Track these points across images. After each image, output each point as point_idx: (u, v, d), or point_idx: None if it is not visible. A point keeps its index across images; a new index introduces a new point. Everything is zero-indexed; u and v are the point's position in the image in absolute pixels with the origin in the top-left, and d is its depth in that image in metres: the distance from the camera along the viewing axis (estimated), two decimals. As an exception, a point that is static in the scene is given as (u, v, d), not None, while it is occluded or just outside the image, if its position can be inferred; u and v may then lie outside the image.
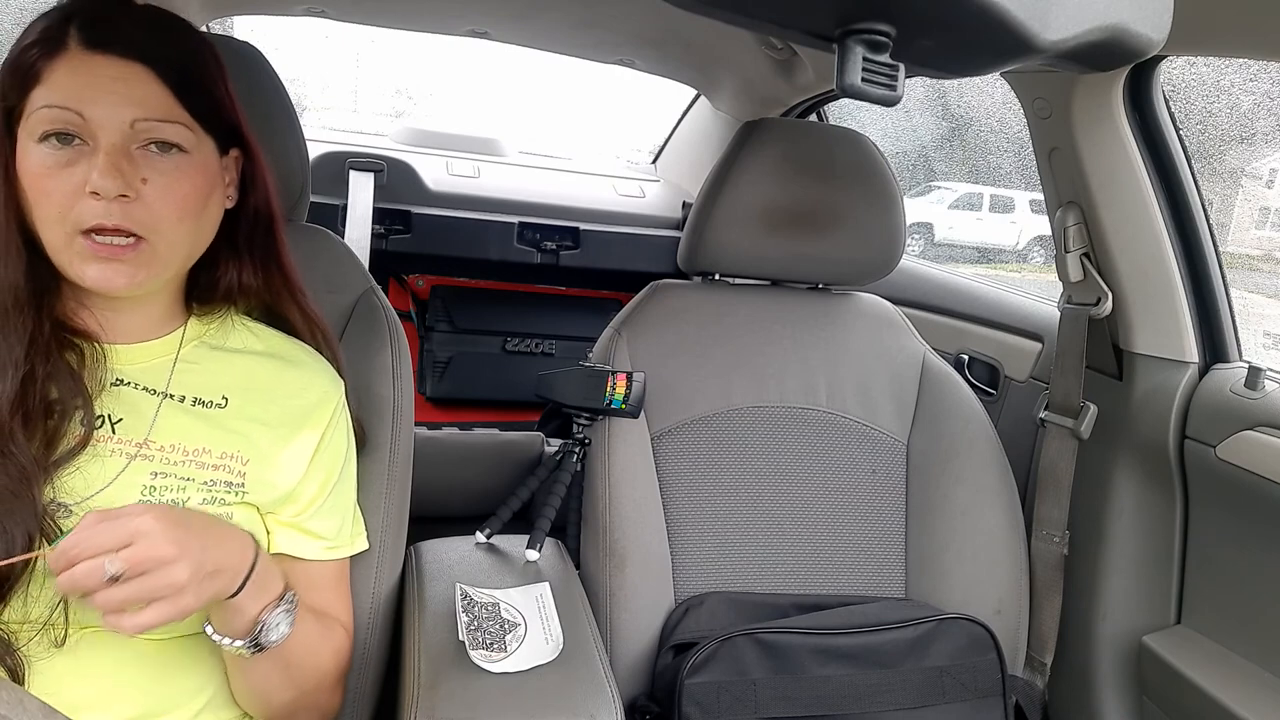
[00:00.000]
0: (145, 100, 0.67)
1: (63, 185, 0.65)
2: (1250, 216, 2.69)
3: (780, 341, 1.25)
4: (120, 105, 0.66)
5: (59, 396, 0.68)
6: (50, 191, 0.65)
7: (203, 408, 0.75)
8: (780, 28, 0.56)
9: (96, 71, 0.66)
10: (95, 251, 0.66)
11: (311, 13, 1.63)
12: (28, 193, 0.67)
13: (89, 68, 0.66)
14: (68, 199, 0.65)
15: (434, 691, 0.78)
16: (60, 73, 0.66)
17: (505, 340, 2.04)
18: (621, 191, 2.14)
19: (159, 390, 0.74)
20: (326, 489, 0.81)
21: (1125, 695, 1.19)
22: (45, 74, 0.66)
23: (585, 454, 1.15)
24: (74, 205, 0.65)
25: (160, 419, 0.73)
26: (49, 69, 0.66)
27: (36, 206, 0.66)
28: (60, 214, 0.66)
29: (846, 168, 1.23)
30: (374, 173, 1.82)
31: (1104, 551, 1.20)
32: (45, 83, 0.66)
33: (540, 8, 1.48)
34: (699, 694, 0.98)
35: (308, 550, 0.80)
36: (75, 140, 0.66)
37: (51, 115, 0.65)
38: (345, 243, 1.09)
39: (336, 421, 0.83)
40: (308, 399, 0.81)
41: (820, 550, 1.17)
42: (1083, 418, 1.21)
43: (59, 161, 0.66)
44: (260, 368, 0.80)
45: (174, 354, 0.76)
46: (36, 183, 0.66)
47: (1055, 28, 0.51)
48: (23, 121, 0.67)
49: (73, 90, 0.65)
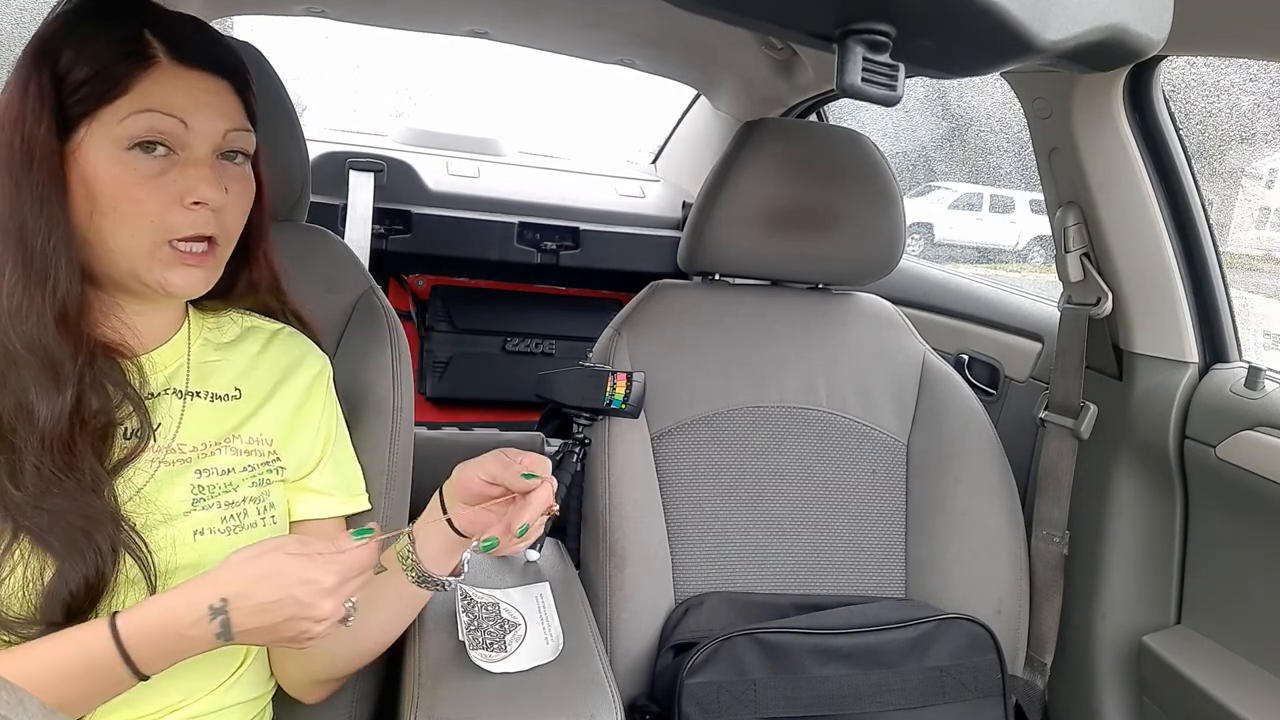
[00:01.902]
0: (230, 112, 0.71)
1: (157, 194, 0.66)
2: (1250, 216, 2.69)
3: (780, 341, 1.25)
4: (215, 117, 0.69)
5: (103, 408, 0.69)
6: (143, 200, 0.66)
7: (221, 401, 0.78)
8: (780, 28, 0.55)
9: (191, 85, 0.68)
10: (181, 258, 0.68)
11: (311, 13, 1.63)
12: (103, 199, 0.66)
13: (183, 81, 0.68)
14: (162, 207, 0.66)
15: (434, 691, 0.78)
16: (155, 84, 0.66)
17: (505, 340, 2.04)
18: (621, 191, 2.14)
19: (182, 390, 0.76)
20: (329, 450, 0.85)
21: (1125, 695, 1.19)
22: (134, 85, 0.66)
23: (585, 454, 1.15)
24: (167, 214, 0.67)
25: (187, 418, 0.75)
26: (137, 80, 0.66)
27: (116, 213, 0.66)
28: (152, 223, 0.67)
29: (846, 168, 1.23)
30: (374, 173, 1.82)
31: (1104, 551, 1.20)
32: (135, 92, 0.66)
33: (540, 8, 1.48)
34: (699, 694, 0.98)
35: (323, 509, 0.83)
36: (160, 149, 0.67)
37: (151, 121, 0.66)
38: (345, 243, 1.09)
39: (329, 390, 0.87)
40: (305, 376, 0.84)
41: (820, 550, 1.17)
42: (1083, 418, 1.21)
43: (152, 171, 0.66)
44: (260, 354, 0.83)
45: (186, 353, 0.78)
46: (124, 190, 0.66)
47: (1055, 28, 0.51)
48: (95, 128, 0.66)
49: (174, 101, 0.67)
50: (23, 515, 0.63)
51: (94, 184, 0.66)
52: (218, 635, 0.62)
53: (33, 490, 0.63)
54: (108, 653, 0.61)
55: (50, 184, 0.65)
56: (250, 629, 0.62)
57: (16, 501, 0.63)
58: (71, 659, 0.61)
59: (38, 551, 0.64)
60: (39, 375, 0.65)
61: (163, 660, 0.63)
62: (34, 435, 0.64)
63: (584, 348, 1.26)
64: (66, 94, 0.66)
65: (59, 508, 0.64)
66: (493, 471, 0.74)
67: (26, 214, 0.65)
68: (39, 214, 0.65)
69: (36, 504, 0.64)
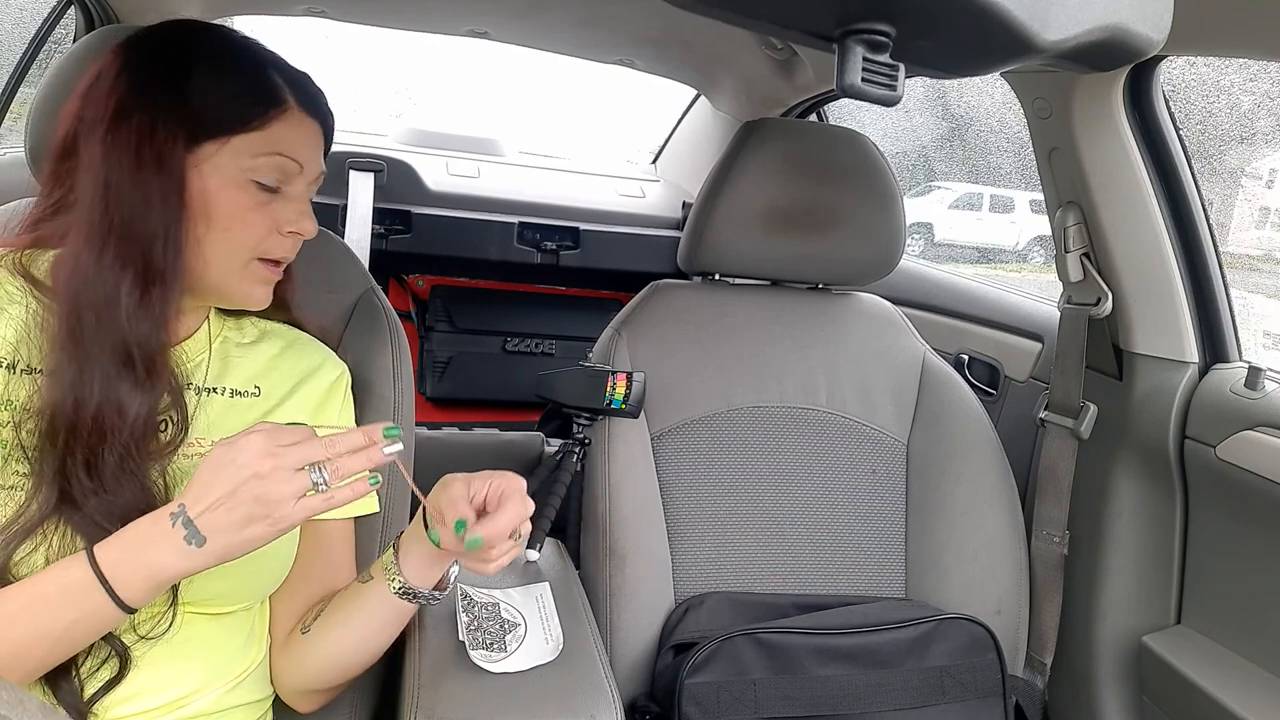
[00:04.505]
0: (321, 156, 0.80)
1: (264, 220, 0.74)
2: (1250, 216, 2.69)
3: (780, 341, 1.25)
4: (318, 161, 0.78)
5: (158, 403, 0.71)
6: (253, 224, 0.73)
7: (240, 397, 0.79)
8: (780, 28, 0.56)
9: (310, 133, 0.77)
10: (269, 274, 0.76)
11: (311, 13, 1.63)
12: (218, 218, 0.71)
13: (306, 129, 0.76)
14: (265, 232, 0.74)
15: (434, 691, 0.78)
16: (287, 128, 0.74)
17: (505, 340, 2.04)
18: (621, 191, 2.14)
19: (200, 386, 0.78)
20: None
21: (1125, 695, 1.19)
22: (269, 124, 0.72)
23: (585, 454, 1.15)
24: (267, 238, 0.74)
25: (203, 413, 0.76)
26: (271, 121, 0.73)
27: (228, 231, 0.72)
28: (255, 243, 0.74)
29: (846, 168, 1.23)
30: (374, 173, 1.82)
31: (1104, 551, 1.20)
32: (268, 131, 0.72)
33: (540, 8, 1.48)
34: (699, 694, 0.98)
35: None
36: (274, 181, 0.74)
37: (280, 164, 0.73)
38: (345, 243, 1.09)
39: (348, 397, 0.89)
40: (324, 380, 0.86)
41: (820, 550, 1.17)
42: (1083, 418, 1.21)
43: (263, 200, 0.73)
44: (279, 356, 0.84)
45: (207, 350, 0.80)
46: (240, 213, 0.72)
47: (1055, 28, 0.51)
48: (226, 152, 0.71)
49: (298, 149, 0.75)
50: (85, 501, 0.65)
51: (214, 203, 0.71)
52: (187, 539, 0.61)
53: (108, 479, 0.66)
54: (84, 575, 0.61)
55: (175, 195, 0.69)
56: (217, 526, 0.61)
57: (86, 489, 0.65)
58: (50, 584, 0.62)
59: (72, 538, 0.65)
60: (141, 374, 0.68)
61: (138, 580, 0.62)
62: (125, 429, 0.67)
63: (584, 348, 1.26)
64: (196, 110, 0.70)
65: (128, 500, 0.65)
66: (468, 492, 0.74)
67: (154, 220, 0.68)
68: (161, 220, 0.68)
69: (102, 492, 0.65)
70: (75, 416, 0.65)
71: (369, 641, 0.80)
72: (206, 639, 0.75)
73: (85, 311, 0.66)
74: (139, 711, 0.70)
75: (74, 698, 0.66)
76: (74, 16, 1.52)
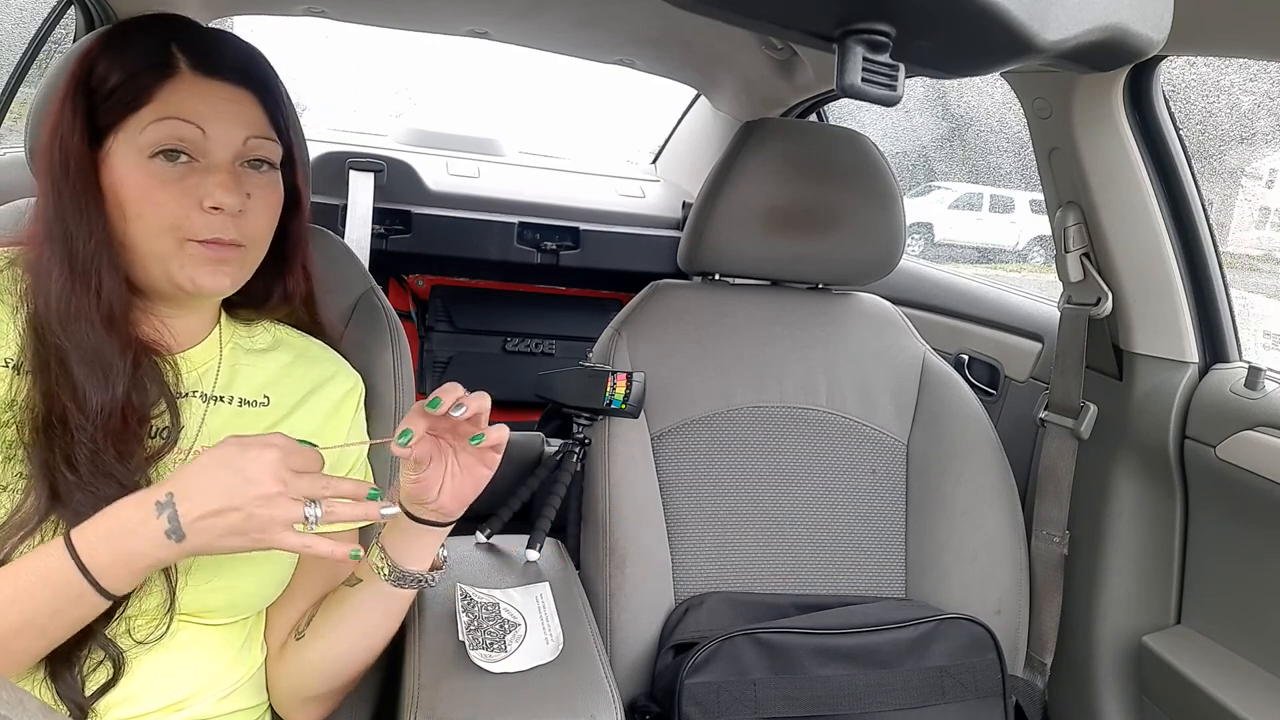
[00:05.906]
0: (252, 121, 0.73)
1: (176, 198, 0.69)
2: (1250, 216, 2.69)
3: (780, 341, 1.25)
4: (235, 125, 0.71)
5: (143, 403, 0.71)
6: (162, 203, 0.69)
7: (248, 407, 0.79)
8: (780, 28, 0.56)
9: (211, 94, 0.71)
10: (209, 255, 0.70)
11: (311, 13, 1.63)
12: (128, 205, 0.69)
13: (204, 90, 0.70)
14: (181, 210, 0.69)
15: (434, 691, 0.78)
16: (175, 93, 0.69)
17: (505, 340, 2.04)
18: (621, 191, 2.14)
19: (207, 394, 0.77)
20: (353, 470, 0.86)
21: (1125, 695, 1.19)
22: (156, 94, 0.69)
23: (585, 454, 1.15)
24: (187, 217, 0.69)
25: (209, 423, 0.76)
26: (160, 90, 0.69)
27: (140, 218, 0.69)
28: (173, 224, 0.69)
29: (846, 168, 1.23)
30: (374, 173, 1.82)
31: (1104, 551, 1.20)
32: (157, 101, 0.69)
33: (540, 8, 1.48)
34: (699, 694, 0.98)
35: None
36: (183, 157, 0.69)
37: (172, 128, 0.69)
38: (345, 243, 1.09)
39: (360, 410, 0.88)
40: (336, 390, 0.85)
41: (820, 550, 1.17)
42: (1083, 418, 1.21)
43: (171, 176, 0.69)
44: (291, 365, 0.83)
45: (217, 357, 0.79)
46: (145, 194, 0.68)
47: (1055, 28, 0.51)
48: (121, 137, 0.69)
49: (193, 108, 0.69)
50: (70, 496, 0.65)
51: (121, 190, 0.69)
52: (168, 533, 0.61)
53: (85, 474, 0.66)
54: (63, 562, 0.61)
55: (86, 192, 0.68)
56: (202, 529, 0.61)
57: (70, 484, 0.65)
58: (30, 572, 0.61)
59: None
60: (91, 372, 0.67)
61: (117, 566, 0.62)
62: (89, 423, 0.66)
63: (584, 348, 1.26)
64: (98, 105, 0.69)
65: (108, 494, 0.65)
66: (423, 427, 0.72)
67: (69, 221, 0.68)
68: (79, 221, 0.68)
69: (85, 487, 0.65)
70: (47, 412, 0.67)
71: (367, 638, 0.80)
72: (203, 646, 0.74)
73: (44, 311, 0.68)
74: (137, 714, 0.70)
75: (75, 694, 0.66)
76: (74, 16, 1.52)
